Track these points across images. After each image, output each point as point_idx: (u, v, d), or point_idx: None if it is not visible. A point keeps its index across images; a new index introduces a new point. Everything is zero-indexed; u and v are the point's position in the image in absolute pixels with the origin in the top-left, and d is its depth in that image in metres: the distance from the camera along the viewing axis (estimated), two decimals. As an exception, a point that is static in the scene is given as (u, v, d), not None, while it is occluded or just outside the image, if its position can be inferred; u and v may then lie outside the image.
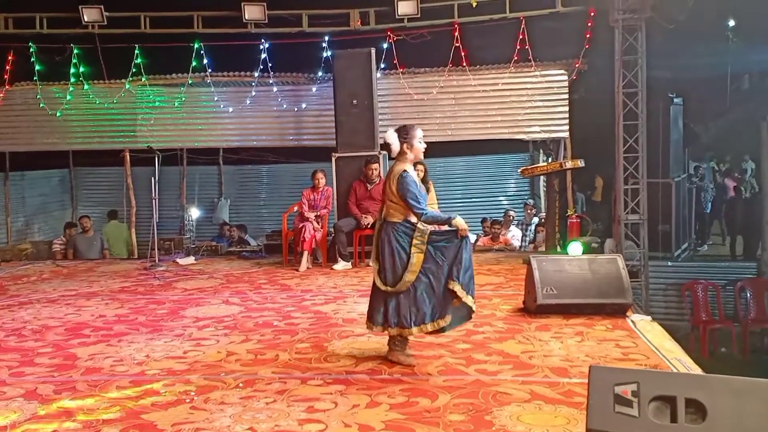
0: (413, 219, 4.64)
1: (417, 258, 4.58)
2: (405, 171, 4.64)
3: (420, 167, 7.86)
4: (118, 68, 11.47)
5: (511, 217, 12.02)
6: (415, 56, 11.14)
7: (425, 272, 4.61)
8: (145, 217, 11.94)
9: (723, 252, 14.75)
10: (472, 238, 10.12)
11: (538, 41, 10.77)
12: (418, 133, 4.71)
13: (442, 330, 4.73)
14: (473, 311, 4.67)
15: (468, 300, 4.56)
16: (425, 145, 4.75)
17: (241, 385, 4.52)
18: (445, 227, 4.68)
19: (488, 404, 4.06)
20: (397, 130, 4.73)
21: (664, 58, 11.85)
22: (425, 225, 4.66)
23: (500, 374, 4.60)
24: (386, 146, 4.76)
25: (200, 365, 4.98)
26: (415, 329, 4.65)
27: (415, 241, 4.60)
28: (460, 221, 4.59)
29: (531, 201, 12.98)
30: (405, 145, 4.68)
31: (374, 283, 4.75)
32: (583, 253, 7.14)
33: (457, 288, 4.53)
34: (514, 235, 11.79)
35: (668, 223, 12.72)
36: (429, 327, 4.65)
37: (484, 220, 12.14)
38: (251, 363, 5.01)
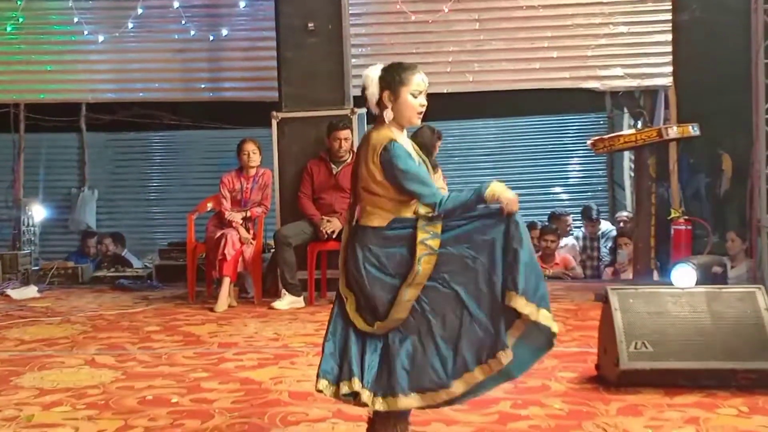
0: (407, 213, 3.44)
1: (427, 263, 3.26)
2: (392, 140, 3.41)
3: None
4: None
5: (568, 223, 9.58)
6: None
7: (445, 283, 3.32)
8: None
9: None
10: None
11: None
12: (416, 80, 3.42)
13: (505, 378, 3.35)
14: (554, 334, 3.34)
15: (542, 317, 3.27)
16: (424, 103, 3.47)
17: None
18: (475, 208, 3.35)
19: None
20: (383, 68, 3.47)
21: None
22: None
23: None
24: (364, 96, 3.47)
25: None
26: (456, 384, 3.22)
27: (421, 236, 3.27)
28: (498, 188, 3.27)
29: (595, 208, 10.00)
30: (386, 94, 3.36)
31: (345, 321, 3.46)
32: (697, 284, 6.28)
33: (519, 303, 3.21)
34: (569, 250, 9.24)
35: None
36: (478, 374, 3.30)
37: (531, 227, 9.41)
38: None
